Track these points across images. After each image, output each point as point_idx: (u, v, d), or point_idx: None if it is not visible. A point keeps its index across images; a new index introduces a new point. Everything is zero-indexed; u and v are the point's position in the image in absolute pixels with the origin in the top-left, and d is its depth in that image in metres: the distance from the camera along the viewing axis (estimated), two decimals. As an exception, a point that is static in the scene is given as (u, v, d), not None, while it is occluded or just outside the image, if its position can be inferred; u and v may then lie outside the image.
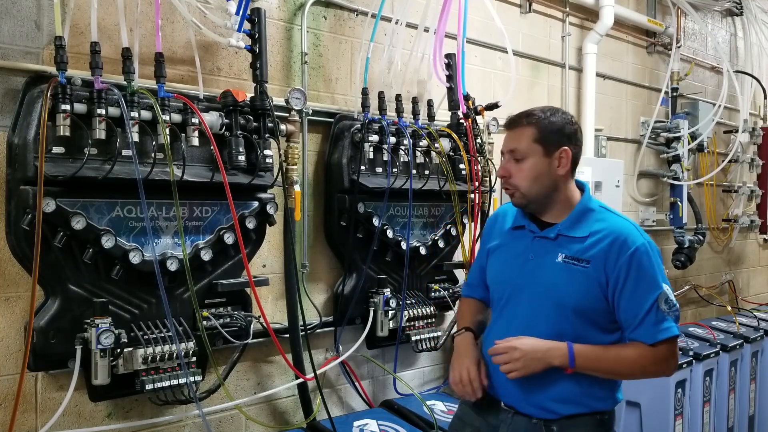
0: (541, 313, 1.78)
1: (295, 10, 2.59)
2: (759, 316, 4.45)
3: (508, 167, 1.80)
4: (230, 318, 2.23)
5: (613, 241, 1.74)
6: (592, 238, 1.76)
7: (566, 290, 1.75)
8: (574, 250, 1.77)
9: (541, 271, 1.80)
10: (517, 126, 1.80)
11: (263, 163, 2.24)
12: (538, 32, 3.69)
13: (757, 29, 5.16)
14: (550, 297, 1.77)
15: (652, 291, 1.71)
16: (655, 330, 1.71)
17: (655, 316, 1.70)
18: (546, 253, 1.81)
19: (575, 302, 1.75)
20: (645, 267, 1.72)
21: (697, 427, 3.51)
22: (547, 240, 1.82)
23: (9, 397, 1.94)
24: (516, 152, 1.78)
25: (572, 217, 1.80)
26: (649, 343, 1.71)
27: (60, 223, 1.88)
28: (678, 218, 4.46)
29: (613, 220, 1.80)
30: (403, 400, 2.70)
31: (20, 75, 1.94)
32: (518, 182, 1.79)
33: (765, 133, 5.35)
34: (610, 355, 1.75)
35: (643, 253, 1.73)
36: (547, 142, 1.76)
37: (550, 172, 1.78)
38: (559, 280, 1.77)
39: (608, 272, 1.72)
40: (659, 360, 1.73)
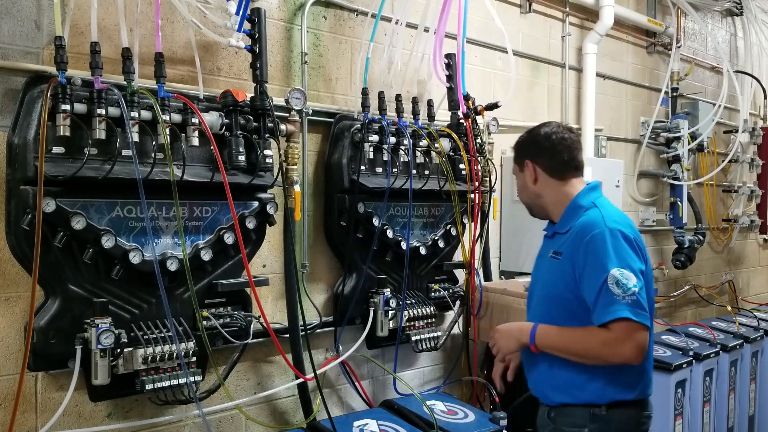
0: (539, 304, 2.02)
1: (295, 10, 2.59)
2: (759, 316, 4.45)
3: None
4: (230, 318, 2.23)
5: (577, 231, 1.88)
6: (571, 232, 1.91)
7: (549, 282, 1.97)
8: (557, 245, 1.96)
9: (542, 267, 2.06)
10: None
11: (263, 163, 2.24)
12: (538, 32, 3.69)
13: (757, 29, 5.16)
14: (541, 289, 2.02)
15: (600, 274, 1.78)
16: (602, 312, 1.76)
17: (604, 298, 1.76)
18: (546, 251, 2.04)
19: (553, 292, 1.94)
20: (596, 251, 1.80)
21: (697, 427, 3.51)
22: (548, 239, 2.06)
23: (9, 397, 1.94)
24: (513, 171, 2.13)
25: (563, 216, 1.98)
26: (597, 324, 1.79)
27: (60, 223, 1.88)
28: (678, 218, 4.46)
29: (590, 214, 1.90)
30: (403, 400, 2.70)
31: (20, 75, 1.94)
32: (519, 196, 2.13)
33: (765, 133, 5.35)
34: (567, 335, 1.88)
35: (598, 239, 1.81)
36: (518, 160, 2.07)
37: (527, 183, 2.04)
38: (546, 274, 2.00)
39: (573, 261, 1.86)
40: (609, 342, 1.77)
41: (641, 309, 1.75)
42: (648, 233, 4.51)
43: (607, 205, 1.94)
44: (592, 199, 1.95)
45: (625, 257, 1.79)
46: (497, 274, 3.44)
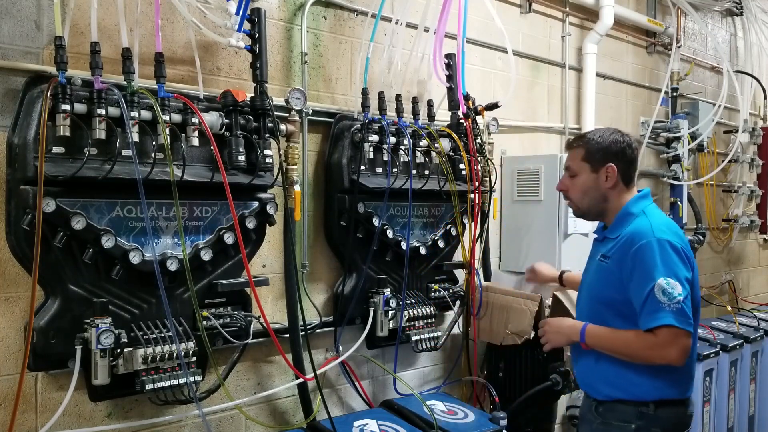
0: (587, 305, 2.16)
1: (295, 10, 2.59)
2: (759, 316, 4.45)
3: (565, 182, 2.19)
4: (230, 318, 2.23)
5: (627, 239, 2.00)
6: (621, 238, 2.03)
7: (596, 284, 2.11)
8: (606, 249, 2.08)
9: (590, 269, 2.19)
10: (571, 147, 2.18)
11: (263, 163, 2.24)
12: (538, 32, 3.69)
13: (757, 29, 5.16)
14: (590, 291, 2.15)
15: (647, 282, 1.92)
16: (649, 318, 1.91)
17: (650, 305, 1.91)
18: (595, 254, 2.16)
19: (599, 294, 2.08)
20: (644, 261, 1.94)
21: (697, 427, 3.51)
22: (598, 242, 2.19)
23: (9, 397, 1.94)
24: (570, 170, 2.16)
25: (615, 222, 2.10)
26: (643, 329, 1.94)
27: (60, 223, 1.88)
28: (678, 218, 4.45)
29: (639, 222, 2.03)
30: (403, 400, 2.70)
31: (20, 75, 1.94)
32: (572, 195, 2.17)
33: (765, 133, 5.35)
34: (615, 336, 2.02)
35: (645, 248, 1.95)
36: (593, 160, 2.10)
37: (598, 186, 2.11)
38: (594, 276, 2.13)
39: (621, 267, 1.99)
40: (654, 346, 1.92)
41: (684, 316, 1.89)
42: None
43: (655, 214, 2.08)
44: (642, 207, 2.09)
45: (672, 266, 1.93)
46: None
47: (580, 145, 2.15)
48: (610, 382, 2.07)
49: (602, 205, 2.13)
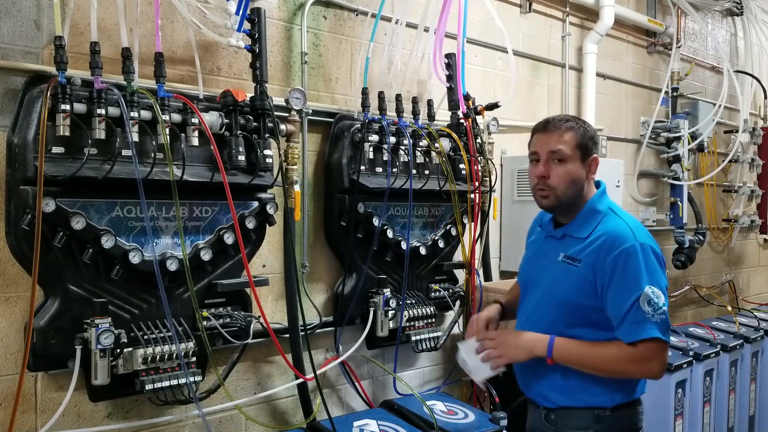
0: (542, 307, 1.90)
1: (295, 10, 2.59)
2: (759, 316, 4.45)
3: (548, 168, 1.85)
4: (230, 318, 2.23)
5: (604, 241, 1.80)
6: (590, 239, 1.84)
7: (560, 287, 1.86)
8: (573, 250, 1.86)
9: (545, 269, 1.92)
10: (558, 129, 1.86)
11: (263, 163, 2.24)
12: (538, 32, 3.68)
13: (757, 29, 5.16)
14: (549, 293, 1.89)
15: (633, 291, 1.74)
16: (633, 329, 1.74)
17: (634, 316, 1.74)
18: (552, 252, 1.91)
19: (566, 298, 1.84)
20: (629, 267, 1.76)
21: (697, 427, 3.51)
22: (554, 239, 1.94)
23: (9, 397, 1.94)
24: (559, 153, 1.84)
25: (578, 219, 1.89)
26: (626, 341, 1.76)
27: (60, 223, 1.88)
28: (678, 218, 4.45)
29: (613, 222, 1.85)
30: (403, 400, 2.70)
31: (20, 75, 1.94)
32: (556, 183, 1.85)
33: (765, 133, 5.35)
34: (589, 351, 1.81)
35: (630, 253, 1.76)
36: (584, 149, 1.87)
37: (581, 177, 1.87)
38: (556, 278, 1.87)
39: (596, 271, 1.79)
40: (636, 359, 1.75)
41: (667, 328, 1.76)
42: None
43: (624, 213, 1.92)
44: (607, 204, 1.91)
45: (655, 275, 1.77)
46: (497, 274, 3.43)
47: (571, 128, 1.86)
48: (563, 391, 1.87)
49: (576, 198, 1.88)
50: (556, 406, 1.89)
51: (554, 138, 1.85)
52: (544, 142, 1.87)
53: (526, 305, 1.98)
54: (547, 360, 1.82)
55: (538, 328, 1.87)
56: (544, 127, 1.89)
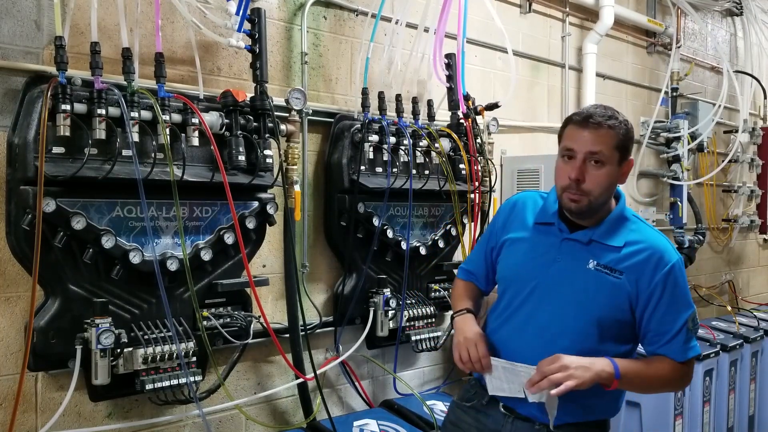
0: (564, 318, 1.69)
1: (295, 10, 2.59)
2: (759, 316, 4.44)
3: (584, 170, 1.64)
4: (230, 318, 2.23)
5: (650, 255, 1.68)
6: (628, 249, 1.69)
7: (594, 299, 1.68)
8: (608, 259, 1.69)
9: (568, 275, 1.71)
10: (600, 128, 1.64)
11: (263, 163, 2.24)
12: (538, 32, 3.69)
13: (757, 29, 5.16)
14: (577, 304, 1.69)
15: (686, 310, 1.68)
16: (686, 348, 1.69)
17: (685, 335, 1.68)
18: (575, 258, 1.71)
19: (602, 313, 1.68)
20: (680, 285, 1.69)
21: (697, 427, 3.51)
22: (577, 243, 1.72)
23: (9, 397, 1.94)
24: (599, 155, 1.63)
25: (607, 224, 1.71)
26: (679, 360, 1.69)
27: (60, 223, 1.88)
28: (678, 218, 4.46)
29: (648, 232, 1.74)
30: (403, 400, 2.70)
31: (20, 75, 1.94)
32: (591, 188, 1.64)
33: (765, 133, 5.35)
34: (647, 371, 1.70)
35: (678, 270, 1.69)
36: (623, 151, 1.67)
37: (616, 182, 1.70)
38: (588, 288, 1.68)
39: (641, 287, 1.67)
40: (685, 376, 1.73)
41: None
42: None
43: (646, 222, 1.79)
44: (632, 211, 1.77)
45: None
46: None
47: (614, 126, 1.64)
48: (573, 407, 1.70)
49: (607, 204, 1.72)
50: (562, 422, 1.70)
51: (596, 137, 1.63)
52: (583, 139, 1.64)
53: (533, 313, 1.74)
54: (614, 382, 1.63)
55: (561, 342, 1.67)
56: (584, 122, 1.66)
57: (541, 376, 1.59)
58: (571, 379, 1.57)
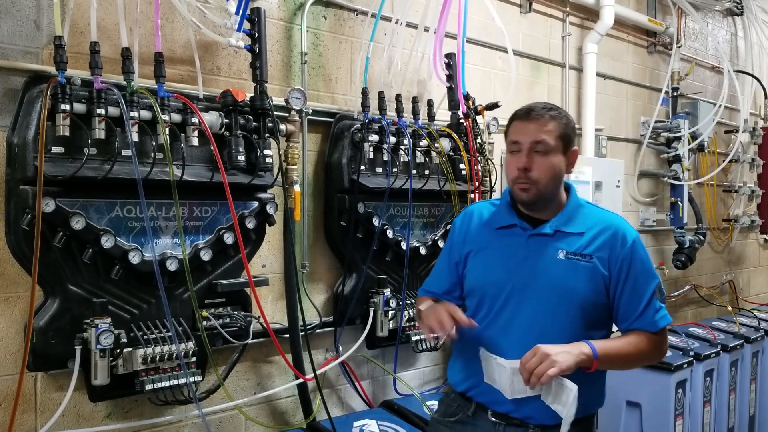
0: (548, 310, 1.72)
1: (295, 10, 2.59)
2: (759, 316, 4.44)
3: (531, 159, 1.70)
4: (230, 318, 2.23)
5: (613, 234, 1.74)
6: (590, 233, 1.75)
7: (574, 286, 1.71)
8: (576, 246, 1.74)
9: (542, 268, 1.74)
10: (542, 118, 1.71)
11: (263, 163, 2.24)
12: (538, 32, 3.68)
13: (757, 29, 5.16)
14: (558, 294, 1.72)
15: (652, 280, 1.75)
16: (658, 318, 1.75)
17: (655, 305, 1.75)
18: (544, 251, 1.75)
19: (584, 297, 1.72)
20: (644, 258, 1.76)
21: (697, 427, 3.51)
22: (543, 237, 1.76)
23: (9, 397, 1.94)
24: (543, 144, 1.69)
25: (567, 213, 1.78)
26: (653, 331, 1.75)
27: (60, 223, 1.88)
28: (678, 218, 4.45)
29: (604, 214, 1.82)
30: (403, 400, 2.70)
31: (20, 75, 1.93)
32: (539, 176, 1.70)
33: (765, 133, 5.35)
34: (626, 347, 1.73)
35: (639, 244, 1.76)
36: (566, 140, 1.74)
37: (563, 170, 1.75)
38: (565, 277, 1.72)
39: (612, 265, 1.73)
40: (660, 346, 1.78)
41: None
42: (648, 233, 4.51)
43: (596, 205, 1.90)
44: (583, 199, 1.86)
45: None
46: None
47: (555, 117, 1.72)
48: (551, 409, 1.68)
49: (555, 193, 1.77)
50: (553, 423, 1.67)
51: (538, 127, 1.70)
52: (526, 131, 1.71)
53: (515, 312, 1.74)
54: (594, 363, 1.64)
55: (549, 333, 1.68)
56: (526, 115, 1.73)
57: (528, 373, 1.59)
58: (555, 365, 1.57)
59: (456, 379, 1.87)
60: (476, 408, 1.79)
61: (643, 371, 3.37)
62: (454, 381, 1.87)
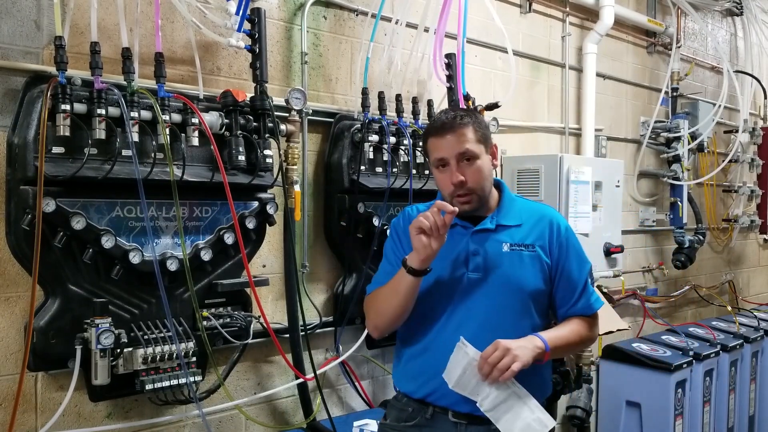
0: (501, 303, 1.75)
1: (295, 10, 2.59)
2: (759, 316, 4.45)
3: (463, 172, 1.72)
4: (230, 318, 2.23)
5: (549, 223, 1.82)
6: (527, 224, 1.81)
7: (522, 276, 1.76)
8: (518, 238, 1.79)
9: (491, 263, 1.76)
10: (458, 127, 1.72)
11: (263, 163, 2.24)
12: (538, 32, 3.69)
13: (757, 29, 5.16)
14: (509, 285, 1.75)
15: (584, 266, 1.84)
16: (593, 302, 1.85)
17: (589, 289, 1.84)
18: (490, 246, 1.77)
19: (534, 286, 1.77)
20: (576, 244, 1.84)
21: (697, 427, 3.52)
22: (486, 233, 1.79)
23: (9, 397, 1.94)
24: (467, 153, 1.71)
25: (503, 207, 1.83)
26: (589, 314, 1.84)
27: (60, 223, 1.88)
28: (678, 218, 4.45)
29: (536, 205, 1.90)
30: (403, 400, 2.69)
31: (20, 75, 1.93)
32: (475, 185, 1.73)
33: (765, 133, 5.35)
34: (568, 333, 1.79)
35: (571, 231, 1.85)
36: (485, 140, 1.77)
37: (491, 169, 1.80)
38: (512, 268, 1.76)
39: (552, 252, 1.80)
40: (595, 329, 1.88)
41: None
42: (648, 233, 4.51)
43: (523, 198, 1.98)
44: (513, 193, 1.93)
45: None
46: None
47: (469, 123, 1.73)
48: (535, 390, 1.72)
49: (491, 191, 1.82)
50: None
51: (456, 138, 1.71)
52: (447, 145, 1.72)
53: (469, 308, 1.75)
54: (546, 355, 1.68)
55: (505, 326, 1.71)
56: (441, 130, 1.73)
57: (490, 367, 1.61)
58: (517, 360, 1.61)
59: (410, 387, 1.82)
60: (434, 411, 1.77)
61: (643, 371, 3.38)
62: (409, 389, 1.82)
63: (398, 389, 1.89)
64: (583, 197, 3.34)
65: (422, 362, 1.79)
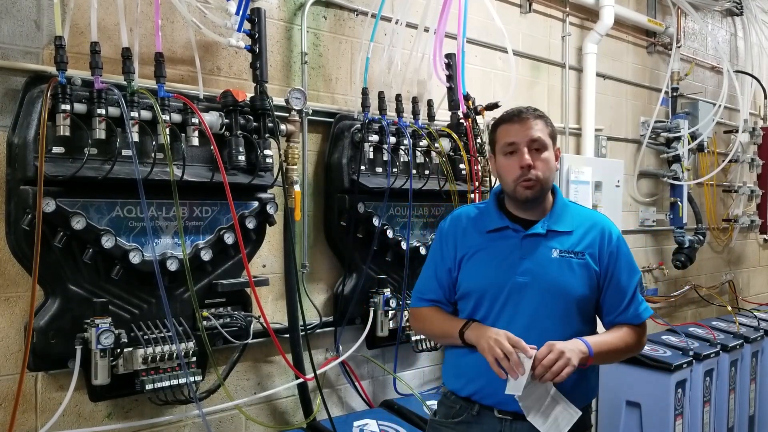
0: (547, 308, 1.76)
1: (295, 10, 2.59)
2: (759, 316, 4.45)
3: (532, 157, 1.75)
4: (230, 318, 2.23)
5: (600, 231, 1.82)
6: (579, 231, 1.82)
7: (571, 283, 1.77)
8: (568, 244, 1.80)
9: (540, 268, 1.78)
10: (531, 119, 1.78)
11: (263, 163, 2.24)
12: (538, 32, 3.68)
13: (757, 29, 5.16)
14: (556, 292, 1.76)
15: (634, 275, 1.84)
16: (642, 311, 1.84)
17: (638, 298, 1.84)
18: (539, 251, 1.79)
19: (580, 294, 1.77)
20: (627, 253, 1.85)
21: (697, 427, 3.51)
22: (536, 237, 1.80)
23: (9, 397, 1.94)
24: (539, 141, 1.76)
25: (556, 213, 1.83)
26: (637, 323, 1.84)
27: (60, 223, 1.88)
28: (678, 218, 4.45)
29: (589, 212, 1.91)
30: (403, 400, 2.70)
31: (20, 75, 1.94)
32: (541, 171, 1.76)
33: (765, 133, 5.35)
34: (614, 340, 1.79)
35: (623, 240, 1.85)
36: (554, 138, 1.82)
37: (556, 166, 1.83)
38: (561, 275, 1.77)
39: (601, 261, 1.80)
40: (643, 337, 1.86)
41: None
42: (648, 233, 4.51)
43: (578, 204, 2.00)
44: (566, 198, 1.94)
45: None
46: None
47: (541, 117, 1.80)
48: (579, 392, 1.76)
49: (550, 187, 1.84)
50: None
51: (531, 127, 1.76)
52: (520, 131, 1.76)
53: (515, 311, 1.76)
54: (589, 360, 1.69)
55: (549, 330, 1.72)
56: (517, 117, 1.79)
57: (544, 369, 1.62)
58: (570, 364, 1.63)
59: (456, 384, 1.86)
60: (480, 408, 1.81)
61: (643, 371, 3.38)
62: (455, 387, 1.86)
63: (446, 387, 1.93)
64: (583, 197, 3.34)
65: (468, 361, 1.80)
